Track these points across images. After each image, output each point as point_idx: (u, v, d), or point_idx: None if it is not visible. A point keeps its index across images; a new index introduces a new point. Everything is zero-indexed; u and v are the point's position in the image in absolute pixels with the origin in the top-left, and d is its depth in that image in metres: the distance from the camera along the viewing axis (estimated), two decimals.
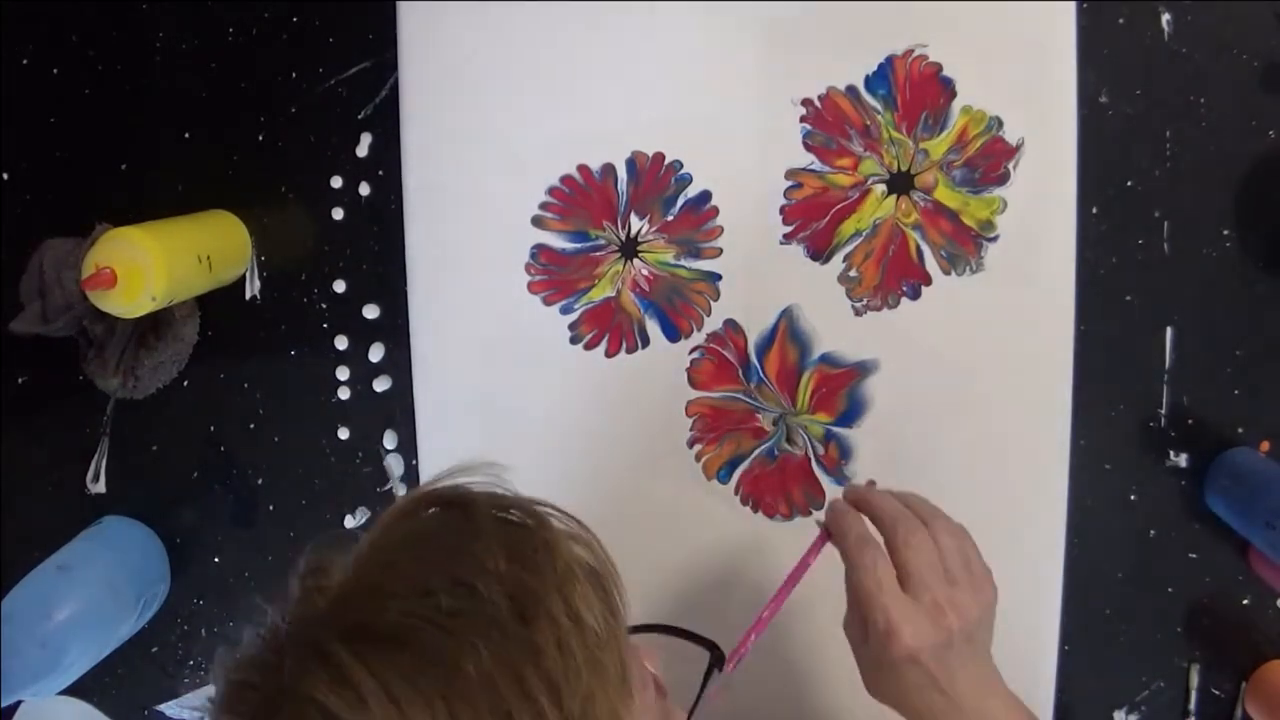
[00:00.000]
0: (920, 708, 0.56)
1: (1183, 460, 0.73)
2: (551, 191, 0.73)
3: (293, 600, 0.41)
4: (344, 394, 0.78)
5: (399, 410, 0.77)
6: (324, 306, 0.77)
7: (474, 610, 0.38)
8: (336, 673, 0.36)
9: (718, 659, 0.52)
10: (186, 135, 0.77)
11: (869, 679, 0.57)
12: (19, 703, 0.77)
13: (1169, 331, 0.72)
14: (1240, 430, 0.73)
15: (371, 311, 0.77)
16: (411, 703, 0.35)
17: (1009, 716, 0.57)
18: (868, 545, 0.56)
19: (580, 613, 0.40)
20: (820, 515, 0.61)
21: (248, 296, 0.77)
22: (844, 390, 0.73)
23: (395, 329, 0.76)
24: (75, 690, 0.77)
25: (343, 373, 0.78)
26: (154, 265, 0.66)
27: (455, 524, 0.42)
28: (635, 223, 0.73)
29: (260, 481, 0.79)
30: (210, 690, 0.41)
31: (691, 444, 0.74)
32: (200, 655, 0.81)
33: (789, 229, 0.72)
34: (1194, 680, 0.75)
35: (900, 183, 0.71)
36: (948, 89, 0.70)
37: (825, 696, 0.75)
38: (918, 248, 0.71)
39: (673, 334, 0.74)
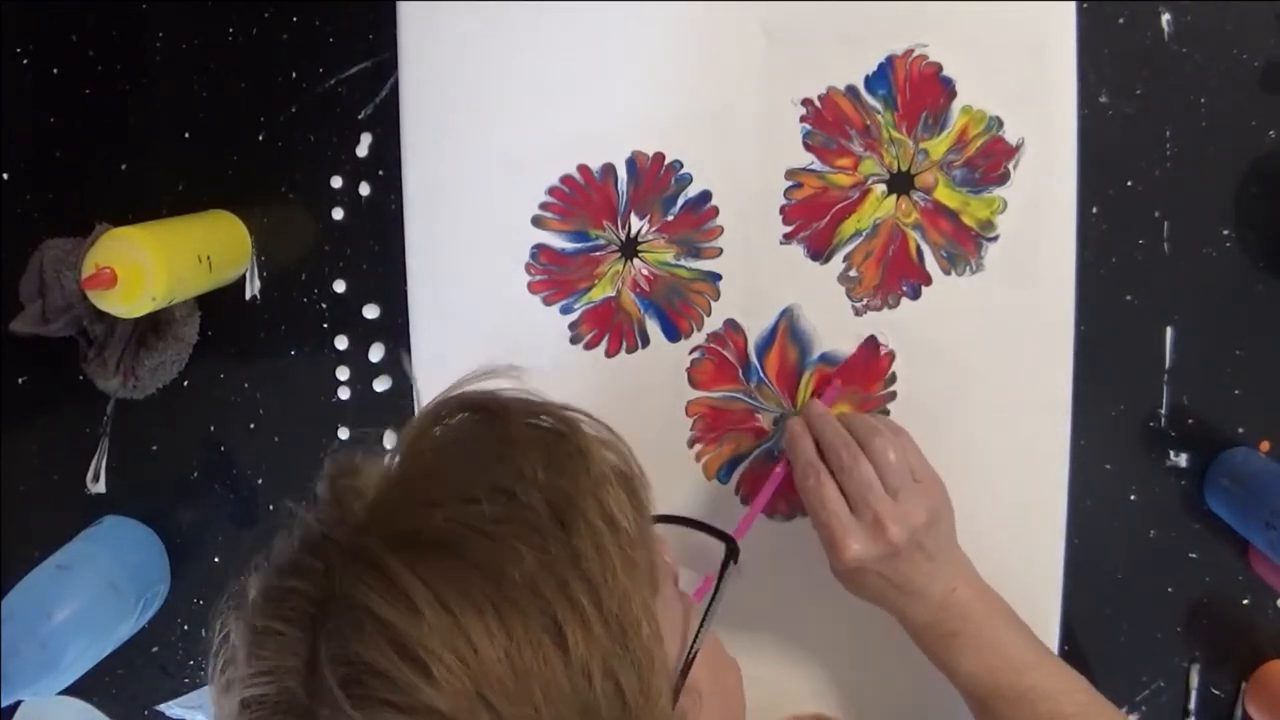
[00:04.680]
0: (887, 605, 0.63)
1: (1183, 460, 0.73)
2: (551, 191, 0.73)
3: (324, 503, 0.42)
4: (344, 394, 0.78)
5: (399, 410, 0.77)
6: (324, 306, 0.77)
7: (515, 517, 0.39)
8: (389, 582, 0.37)
9: (733, 552, 0.54)
10: (186, 135, 0.77)
11: (839, 580, 0.64)
12: (19, 703, 0.77)
13: (1169, 331, 0.72)
14: (1240, 430, 0.73)
15: (371, 311, 0.77)
16: (464, 610, 0.36)
17: (980, 606, 0.62)
18: (811, 469, 0.63)
19: (614, 516, 0.41)
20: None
21: (248, 296, 0.77)
22: None
23: (395, 329, 0.76)
24: (75, 690, 0.77)
25: (343, 373, 0.78)
26: (154, 265, 0.66)
27: (491, 432, 0.43)
28: (635, 223, 0.73)
29: (260, 481, 0.79)
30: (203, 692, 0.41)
31: (691, 444, 0.74)
32: (200, 655, 0.81)
33: (789, 229, 0.72)
34: (1194, 680, 0.75)
35: (900, 183, 0.71)
36: (948, 89, 0.70)
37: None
38: (918, 248, 0.71)
39: (673, 334, 0.74)
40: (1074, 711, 0.60)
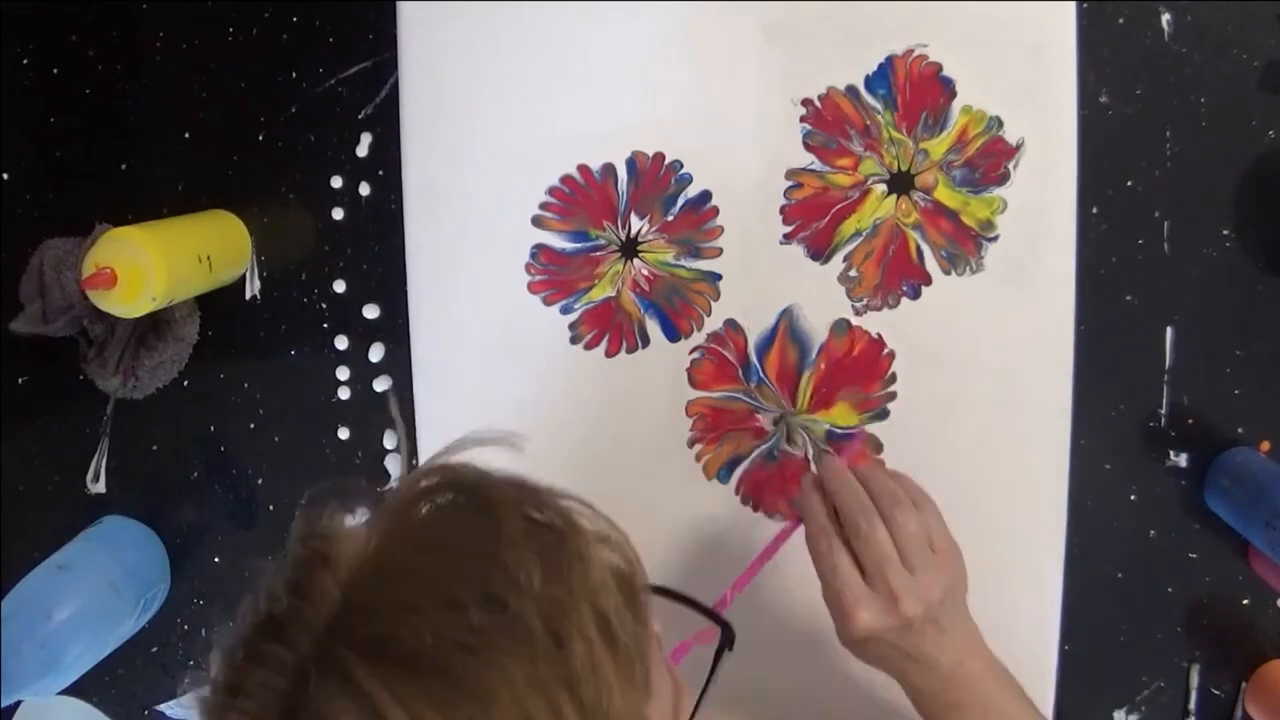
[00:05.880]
0: (891, 670, 0.60)
1: (1183, 460, 0.73)
2: (551, 191, 0.73)
3: (293, 581, 0.39)
4: (344, 394, 0.78)
5: (399, 410, 0.77)
6: (324, 306, 0.77)
7: (505, 628, 0.36)
8: (365, 703, 0.34)
9: (729, 638, 0.52)
10: (186, 135, 0.77)
11: (845, 646, 0.60)
12: (19, 703, 0.77)
13: (1169, 331, 0.72)
14: (1240, 430, 0.73)
15: (371, 311, 0.77)
16: None
17: (988, 679, 0.59)
18: (824, 534, 0.59)
19: (613, 628, 0.39)
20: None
21: (248, 296, 0.77)
22: None
23: (395, 329, 0.76)
24: (75, 690, 0.77)
25: (343, 373, 0.78)
26: (154, 265, 0.66)
27: (482, 527, 0.39)
28: (635, 223, 0.73)
29: (260, 481, 0.79)
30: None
31: (691, 444, 0.74)
32: (200, 655, 0.81)
33: (789, 229, 0.72)
34: (1194, 680, 0.75)
35: (900, 183, 0.71)
36: (948, 89, 0.70)
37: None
38: (918, 247, 0.71)
39: (673, 334, 0.74)
40: None
